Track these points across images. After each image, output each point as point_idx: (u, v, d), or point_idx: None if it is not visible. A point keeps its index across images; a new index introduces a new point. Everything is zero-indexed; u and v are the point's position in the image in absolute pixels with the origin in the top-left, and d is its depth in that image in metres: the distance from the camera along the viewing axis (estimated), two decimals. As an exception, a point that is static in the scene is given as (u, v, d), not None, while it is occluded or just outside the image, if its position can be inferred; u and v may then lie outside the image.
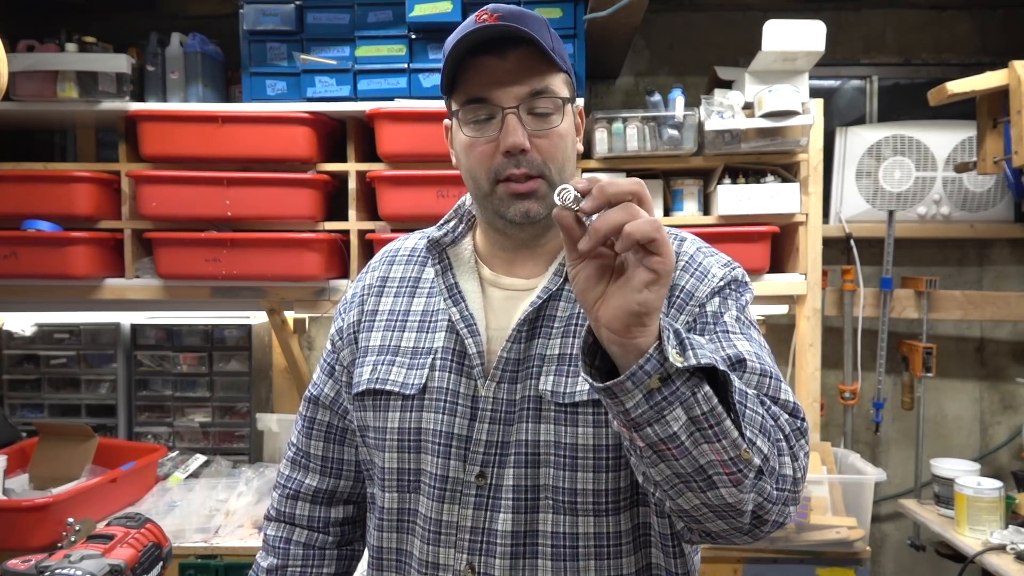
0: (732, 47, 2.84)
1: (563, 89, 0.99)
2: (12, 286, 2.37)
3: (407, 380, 1.02)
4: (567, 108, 0.99)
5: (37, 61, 2.25)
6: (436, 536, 0.99)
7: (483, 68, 0.96)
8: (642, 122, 2.30)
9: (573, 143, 1.02)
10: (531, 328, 1.00)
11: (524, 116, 0.96)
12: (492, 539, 0.97)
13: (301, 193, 2.29)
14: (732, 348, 0.91)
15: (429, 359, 1.02)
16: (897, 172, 2.77)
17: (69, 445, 2.31)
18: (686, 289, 0.98)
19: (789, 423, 0.87)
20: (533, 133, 0.96)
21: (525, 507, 0.97)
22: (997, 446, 2.93)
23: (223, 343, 2.67)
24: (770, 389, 0.90)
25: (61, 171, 2.34)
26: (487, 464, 0.98)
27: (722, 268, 1.01)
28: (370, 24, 2.33)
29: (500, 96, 0.96)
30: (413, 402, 1.01)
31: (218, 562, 2.03)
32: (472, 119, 0.98)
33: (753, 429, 0.80)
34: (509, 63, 0.95)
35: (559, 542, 0.97)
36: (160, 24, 2.59)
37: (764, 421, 0.82)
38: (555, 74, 0.98)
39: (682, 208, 2.39)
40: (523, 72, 0.95)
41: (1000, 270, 2.92)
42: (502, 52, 0.95)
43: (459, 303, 1.02)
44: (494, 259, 1.07)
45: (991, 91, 2.31)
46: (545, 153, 0.97)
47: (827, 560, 2.15)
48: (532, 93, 0.96)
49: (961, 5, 2.88)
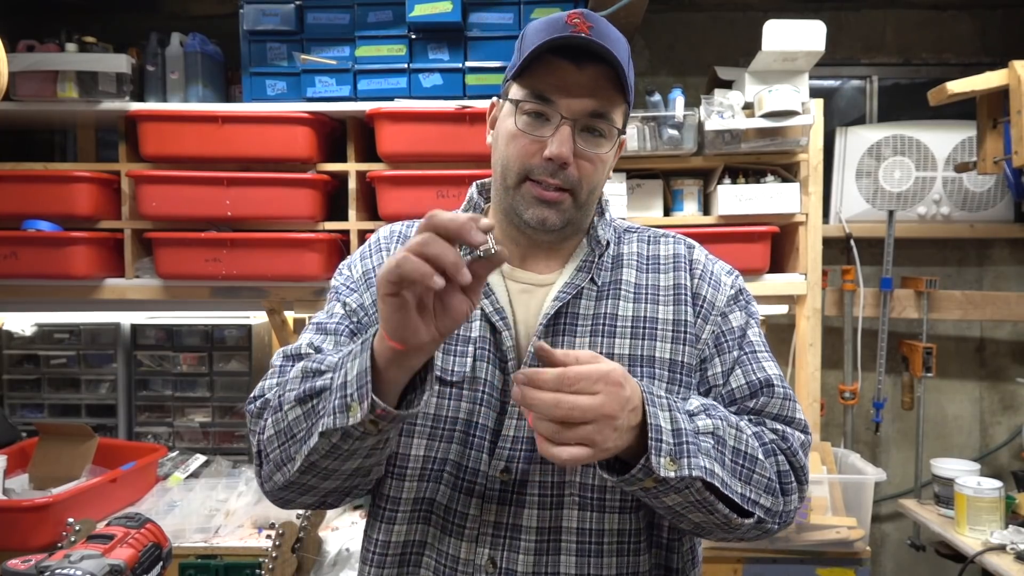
0: (732, 47, 2.84)
1: (620, 119, 1.00)
2: (12, 286, 2.37)
3: (448, 366, 1.00)
4: (618, 138, 1.00)
5: (37, 61, 2.25)
6: (460, 529, 0.98)
7: (559, 71, 0.96)
8: (642, 122, 2.30)
9: (606, 173, 1.03)
10: (553, 324, 1.01)
11: (578, 132, 0.97)
12: (516, 534, 0.97)
13: (301, 193, 2.29)
14: (762, 372, 1.02)
15: (470, 348, 1.01)
16: (897, 172, 2.77)
17: (69, 445, 2.31)
18: (707, 299, 1.05)
19: (798, 441, 0.99)
20: (580, 151, 0.97)
21: (551, 503, 0.97)
22: (997, 446, 2.93)
23: (223, 343, 2.67)
24: (788, 411, 1.01)
25: (61, 171, 2.34)
26: (512, 460, 0.98)
27: (728, 276, 1.09)
28: (370, 24, 2.33)
29: (564, 104, 0.95)
30: (453, 389, 1.00)
31: (218, 562, 2.02)
32: (529, 112, 0.97)
33: (758, 491, 0.92)
34: (585, 76, 0.95)
35: (584, 538, 0.97)
36: (160, 24, 2.59)
37: (771, 481, 0.93)
38: (620, 103, 0.98)
39: (682, 208, 2.39)
40: (594, 90, 0.96)
41: (1000, 270, 2.92)
42: (580, 62, 0.95)
43: (489, 295, 1.02)
44: (511, 250, 1.06)
45: (991, 91, 2.31)
46: (584, 172, 0.98)
47: (827, 560, 2.15)
48: (594, 113, 0.96)
49: (961, 5, 2.88)
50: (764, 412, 1.01)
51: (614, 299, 1.03)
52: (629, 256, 1.07)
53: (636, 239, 1.10)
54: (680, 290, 1.04)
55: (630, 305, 1.03)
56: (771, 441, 0.97)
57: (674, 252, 1.08)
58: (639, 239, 1.10)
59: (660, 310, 1.03)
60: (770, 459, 0.95)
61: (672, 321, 1.02)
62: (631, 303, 1.03)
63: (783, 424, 1.01)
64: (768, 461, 0.95)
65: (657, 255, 1.08)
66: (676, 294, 1.04)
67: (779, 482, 0.95)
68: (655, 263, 1.07)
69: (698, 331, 1.03)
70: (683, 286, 1.05)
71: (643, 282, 1.05)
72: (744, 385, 1.01)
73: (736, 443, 0.91)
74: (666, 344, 1.01)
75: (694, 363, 1.02)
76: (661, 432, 0.83)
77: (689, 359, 1.01)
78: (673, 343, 1.01)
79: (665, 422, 0.84)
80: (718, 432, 0.89)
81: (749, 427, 0.96)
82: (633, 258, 1.07)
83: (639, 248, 1.09)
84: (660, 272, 1.06)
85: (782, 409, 1.01)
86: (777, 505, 0.94)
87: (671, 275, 1.06)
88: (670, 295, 1.04)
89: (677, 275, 1.06)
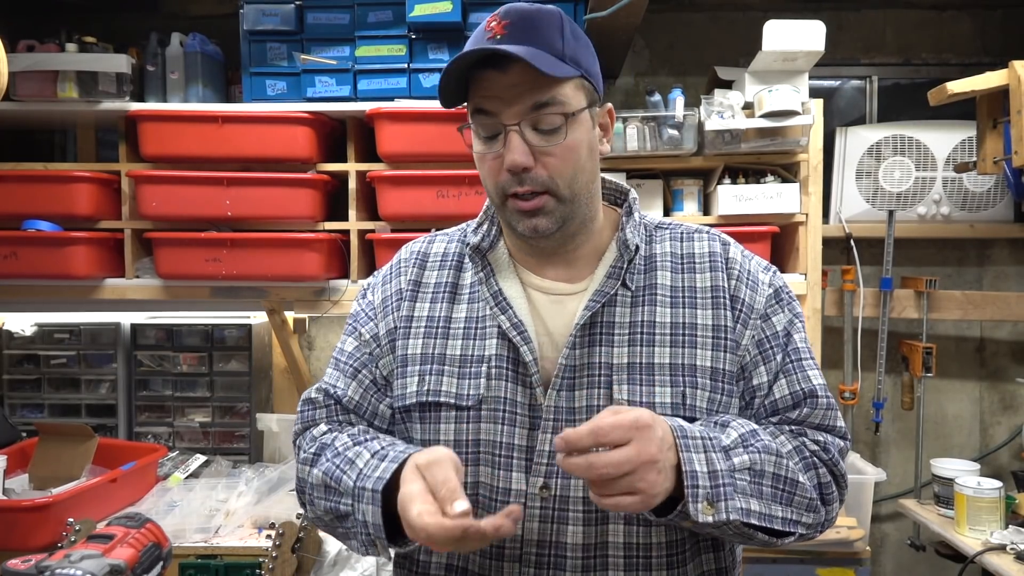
0: (732, 47, 2.84)
1: (573, 97, 0.95)
2: (12, 286, 2.37)
3: (461, 391, 0.99)
4: (579, 117, 0.95)
5: (37, 61, 2.25)
6: (500, 551, 0.96)
7: (486, 82, 0.94)
8: (642, 122, 2.30)
9: (590, 151, 0.98)
10: (587, 334, 0.98)
11: (528, 132, 0.93)
12: (561, 552, 0.95)
13: (301, 193, 2.29)
14: (807, 383, 1.01)
15: (484, 368, 0.99)
16: (897, 172, 2.77)
17: (69, 445, 2.30)
18: (746, 302, 1.02)
19: (838, 449, 1.00)
20: (539, 149, 0.94)
21: (595, 519, 0.95)
22: (997, 446, 2.93)
23: (223, 343, 2.67)
24: (829, 420, 1.01)
25: (61, 171, 2.34)
26: (551, 475, 0.96)
27: (765, 273, 1.06)
28: (370, 24, 2.33)
29: (502, 112, 0.93)
30: (469, 413, 0.98)
31: (218, 562, 2.02)
32: (480, 133, 0.96)
33: (799, 511, 0.94)
34: (511, 78, 0.92)
35: (632, 552, 0.95)
36: (160, 24, 2.59)
37: (812, 500, 0.95)
38: (562, 83, 0.93)
39: (682, 208, 2.39)
40: (524, 86, 0.92)
41: (1000, 270, 2.92)
42: (502, 66, 0.92)
43: (506, 310, 1.00)
44: (529, 260, 1.05)
45: (991, 91, 2.31)
46: (552, 169, 0.94)
47: (827, 560, 2.15)
48: (535, 106, 0.92)
49: (961, 5, 2.88)
50: (807, 422, 1.00)
51: (650, 305, 1.00)
52: (663, 256, 1.04)
53: (669, 236, 1.07)
54: (718, 292, 1.01)
55: (667, 311, 1.00)
56: (813, 453, 0.98)
57: (709, 250, 1.05)
58: (672, 236, 1.07)
59: (699, 315, 1.00)
60: (810, 473, 0.96)
61: (712, 327, 1.00)
62: (668, 308, 1.00)
63: (824, 433, 1.00)
64: (809, 475, 0.96)
65: (692, 253, 1.05)
66: (714, 296, 1.01)
67: (820, 494, 0.97)
68: (690, 262, 1.04)
69: (737, 337, 1.00)
70: (721, 288, 1.02)
71: (679, 284, 1.02)
72: (788, 396, 1.00)
73: (776, 469, 0.92)
74: (707, 351, 0.98)
75: (735, 370, 1.00)
76: (697, 477, 0.84)
77: (730, 367, 0.99)
78: (714, 350, 0.99)
79: (700, 464, 0.85)
80: (755, 466, 0.90)
81: (789, 442, 0.97)
82: (667, 259, 1.04)
83: (672, 247, 1.05)
84: (696, 272, 1.03)
85: (824, 419, 1.01)
86: (819, 517, 0.97)
87: (707, 275, 1.02)
88: (708, 298, 1.01)
89: (714, 276, 1.02)
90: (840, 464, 0.99)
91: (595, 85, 0.99)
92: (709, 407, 0.97)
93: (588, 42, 0.99)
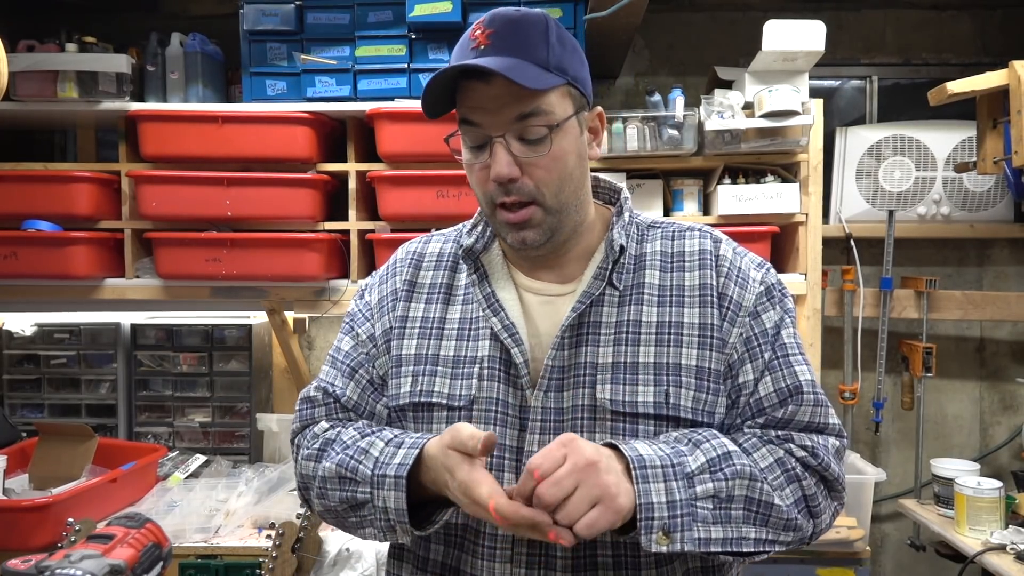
0: (732, 47, 2.84)
1: (558, 106, 0.94)
2: (12, 286, 2.37)
3: (453, 391, 1.00)
4: (565, 126, 0.95)
5: (37, 61, 2.25)
6: (491, 551, 0.97)
7: (471, 93, 0.94)
8: (642, 122, 2.30)
9: (578, 158, 0.98)
10: (575, 335, 0.98)
11: (514, 143, 0.93)
12: (551, 552, 0.95)
13: (301, 193, 2.29)
14: (792, 378, 0.98)
15: (475, 368, 0.99)
16: (897, 172, 2.77)
17: (69, 445, 2.31)
18: (734, 300, 1.00)
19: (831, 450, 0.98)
20: (525, 159, 0.94)
21: None
22: (997, 446, 2.93)
23: (223, 343, 2.67)
24: (819, 417, 0.99)
25: (61, 171, 2.34)
26: None
27: (757, 270, 1.04)
28: (370, 24, 2.33)
29: (488, 123, 0.93)
30: (460, 413, 0.99)
31: (218, 562, 2.02)
32: (467, 142, 0.97)
33: (776, 530, 0.92)
34: (495, 88, 0.92)
35: (620, 551, 0.96)
36: (160, 24, 2.59)
37: (789, 520, 0.93)
38: (546, 93, 0.93)
39: (682, 208, 2.39)
40: (508, 97, 0.91)
41: (1000, 270, 2.92)
42: (486, 77, 0.92)
43: (498, 312, 1.00)
44: (522, 263, 1.05)
45: (991, 91, 2.31)
46: (538, 179, 0.94)
47: (827, 560, 2.15)
48: (520, 117, 0.92)
49: (961, 5, 2.88)
50: (794, 422, 0.97)
51: (637, 304, 1.00)
52: (652, 255, 1.03)
53: (660, 235, 1.06)
54: (706, 290, 1.00)
55: (654, 309, 0.99)
56: (799, 461, 0.96)
57: (699, 248, 1.03)
58: (663, 235, 1.06)
59: (686, 313, 0.99)
60: (793, 487, 0.94)
61: (698, 325, 0.98)
62: (655, 307, 0.99)
63: (814, 433, 0.98)
64: (791, 489, 0.94)
65: (682, 251, 1.03)
66: (702, 295, 1.00)
67: (806, 506, 0.95)
68: (679, 260, 1.03)
69: (724, 335, 0.98)
70: (709, 286, 1.00)
71: (667, 283, 1.01)
72: (773, 393, 0.98)
73: (749, 492, 0.91)
74: (692, 350, 0.97)
75: (722, 369, 0.98)
76: (652, 509, 0.85)
77: (716, 365, 0.98)
78: (700, 349, 0.98)
79: (657, 495, 0.85)
80: (721, 493, 0.89)
81: (770, 454, 0.95)
82: (656, 257, 1.03)
83: (662, 246, 1.04)
84: (685, 270, 1.02)
85: (813, 416, 0.98)
86: (802, 532, 0.95)
87: (696, 274, 1.01)
88: (695, 296, 1.00)
89: (703, 274, 1.01)
90: (832, 467, 0.97)
91: (583, 91, 0.99)
92: (694, 406, 0.96)
93: (576, 46, 0.98)
